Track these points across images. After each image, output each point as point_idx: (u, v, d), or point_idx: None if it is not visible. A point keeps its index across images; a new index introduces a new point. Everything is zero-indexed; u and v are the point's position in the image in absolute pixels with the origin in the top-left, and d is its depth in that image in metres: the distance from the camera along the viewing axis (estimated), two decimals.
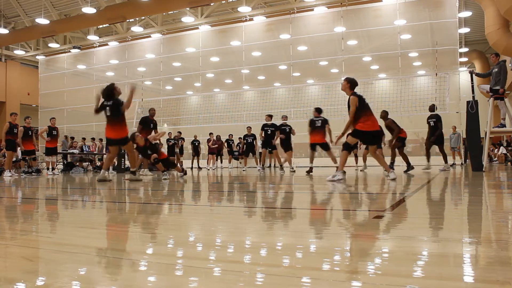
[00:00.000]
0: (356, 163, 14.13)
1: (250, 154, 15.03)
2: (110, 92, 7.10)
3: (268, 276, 1.28)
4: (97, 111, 7.20)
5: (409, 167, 9.38)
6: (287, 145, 11.44)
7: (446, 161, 10.22)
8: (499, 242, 1.78)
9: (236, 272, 1.34)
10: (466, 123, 9.05)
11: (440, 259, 1.49)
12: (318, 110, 10.08)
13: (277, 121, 12.04)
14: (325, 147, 9.99)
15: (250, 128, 14.40)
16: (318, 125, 9.95)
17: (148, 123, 9.93)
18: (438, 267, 1.35)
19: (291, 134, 11.55)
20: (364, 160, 11.78)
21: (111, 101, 7.08)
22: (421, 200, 3.65)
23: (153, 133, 9.73)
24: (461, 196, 4.10)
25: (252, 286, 1.19)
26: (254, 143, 14.92)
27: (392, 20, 16.84)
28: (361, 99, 6.35)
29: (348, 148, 6.44)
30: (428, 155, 10.23)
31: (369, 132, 6.23)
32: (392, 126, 9.53)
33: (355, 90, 6.50)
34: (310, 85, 20.90)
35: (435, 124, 10.11)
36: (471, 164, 9.15)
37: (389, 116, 9.73)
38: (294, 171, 10.96)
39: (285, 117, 12.03)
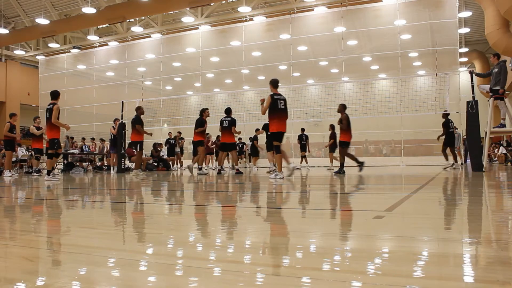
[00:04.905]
0: (301, 163, 15.16)
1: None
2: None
3: (268, 276, 1.28)
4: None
5: (341, 169, 9.01)
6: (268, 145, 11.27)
7: (446, 160, 10.83)
8: (499, 242, 1.78)
9: (236, 272, 1.34)
10: (466, 123, 9.04)
11: (440, 259, 1.49)
12: (226, 111, 10.66)
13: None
14: (231, 147, 10.64)
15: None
16: (226, 126, 10.45)
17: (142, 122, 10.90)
18: (438, 267, 1.35)
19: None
20: (331, 160, 13.48)
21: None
22: (421, 200, 3.65)
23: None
24: (461, 196, 4.10)
25: (252, 286, 1.19)
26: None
27: (392, 20, 16.83)
28: (275, 101, 7.39)
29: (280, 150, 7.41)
30: (445, 156, 10.90)
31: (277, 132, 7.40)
32: (343, 121, 9.01)
33: (277, 91, 7.60)
34: (310, 85, 20.90)
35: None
36: (471, 164, 9.14)
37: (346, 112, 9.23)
38: (270, 172, 10.83)
39: None
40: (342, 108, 9.07)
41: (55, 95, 8.68)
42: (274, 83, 7.60)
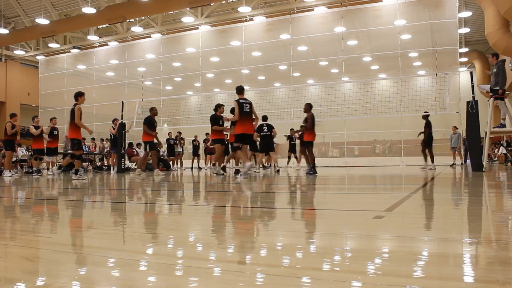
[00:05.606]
0: (287, 163, 15.39)
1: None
2: None
3: (268, 276, 1.28)
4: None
5: (313, 169, 8.96)
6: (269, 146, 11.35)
7: (425, 161, 11.32)
8: (499, 242, 1.78)
9: (236, 272, 1.34)
10: (466, 123, 9.05)
11: (440, 259, 1.49)
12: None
13: (276, 121, 11.95)
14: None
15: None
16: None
17: (152, 122, 10.79)
18: (438, 267, 1.35)
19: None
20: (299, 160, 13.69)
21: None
22: (421, 200, 3.65)
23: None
24: (461, 196, 4.10)
25: (252, 286, 1.19)
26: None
27: (392, 20, 16.83)
28: (241, 105, 7.91)
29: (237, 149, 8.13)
30: (424, 156, 11.29)
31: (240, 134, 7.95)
32: (308, 121, 8.96)
33: (242, 96, 8.15)
34: (310, 85, 20.89)
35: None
36: (471, 164, 9.14)
37: (310, 113, 9.20)
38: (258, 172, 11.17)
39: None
40: (308, 107, 9.15)
41: (75, 96, 8.93)
42: (239, 90, 8.24)
